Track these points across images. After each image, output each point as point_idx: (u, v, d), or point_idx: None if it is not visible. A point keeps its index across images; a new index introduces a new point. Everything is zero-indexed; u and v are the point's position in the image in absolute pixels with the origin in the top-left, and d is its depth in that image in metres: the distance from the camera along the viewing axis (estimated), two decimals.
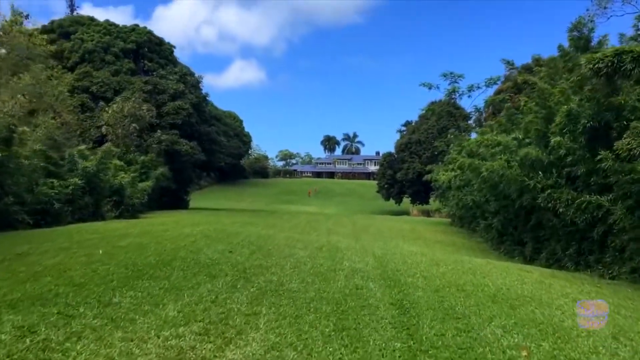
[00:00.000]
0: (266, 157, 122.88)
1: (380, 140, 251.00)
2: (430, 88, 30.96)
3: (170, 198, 30.15)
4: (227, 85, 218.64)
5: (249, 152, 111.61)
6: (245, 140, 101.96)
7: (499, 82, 31.50)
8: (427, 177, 28.97)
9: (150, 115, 27.28)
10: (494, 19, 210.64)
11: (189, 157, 30.26)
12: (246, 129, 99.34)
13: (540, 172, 13.66)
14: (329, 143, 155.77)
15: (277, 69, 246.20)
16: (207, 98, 36.86)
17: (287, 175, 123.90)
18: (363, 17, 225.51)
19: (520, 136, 15.50)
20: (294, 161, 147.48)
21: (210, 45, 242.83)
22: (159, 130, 28.09)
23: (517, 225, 16.98)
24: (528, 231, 16.08)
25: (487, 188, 16.77)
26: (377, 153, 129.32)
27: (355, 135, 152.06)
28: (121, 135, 26.25)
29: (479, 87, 30.29)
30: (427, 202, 72.39)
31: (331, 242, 13.84)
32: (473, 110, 32.43)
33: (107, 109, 27.52)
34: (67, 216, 17.00)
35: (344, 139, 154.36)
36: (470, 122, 69.16)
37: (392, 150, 72.78)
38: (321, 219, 25.90)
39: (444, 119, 69.68)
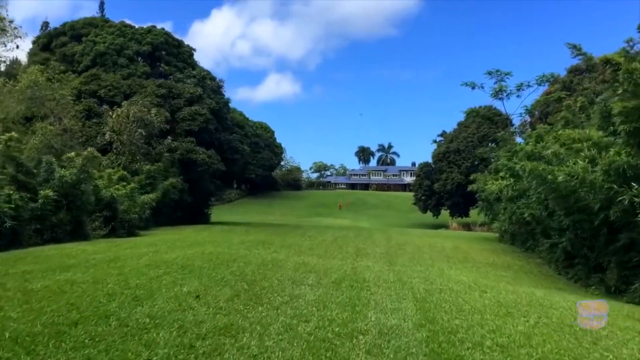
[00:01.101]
0: (299, 169, 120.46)
1: (415, 151, 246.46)
2: (473, 88, 27.41)
3: (186, 212, 27.61)
4: (262, 98, 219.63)
5: (281, 163, 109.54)
6: (277, 151, 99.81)
7: (551, 80, 27.81)
8: (470, 187, 25.51)
9: (160, 120, 24.71)
10: (536, 20, 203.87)
11: (207, 167, 27.65)
12: (278, 140, 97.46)
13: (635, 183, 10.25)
14: (364, 154, 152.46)
15: (312, 81, 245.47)
16: (229, 104, 34.32)
17: (320, 187, 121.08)
18: (396, 29, 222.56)
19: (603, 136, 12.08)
20: (328, 173, 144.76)
21: (246, 60, 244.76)
22: (169, 137, 25.45)
23: (594, 245, 13.47)
24: (610, 254, 12.57)
25: (554, 199, 13.37)
26: (413, 164, 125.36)
27: (390, 146, 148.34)
28: (127, 142, 23.91)
29: (529, 86, 26.62)
30: (467, 215, 68.36)
31: (357, 269, 10.80)
32: (523, 112, 28.79)
33: (111, 113, 25.36)
34: (30, 237, 14.03)
35: (378, 150, 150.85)
36: (513, 129, 65.35)
37: (429, 160, 69.24)
38: (351, 235, 22.81)
39: (484, 126, 65.80)
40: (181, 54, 33.00)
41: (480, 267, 14.94)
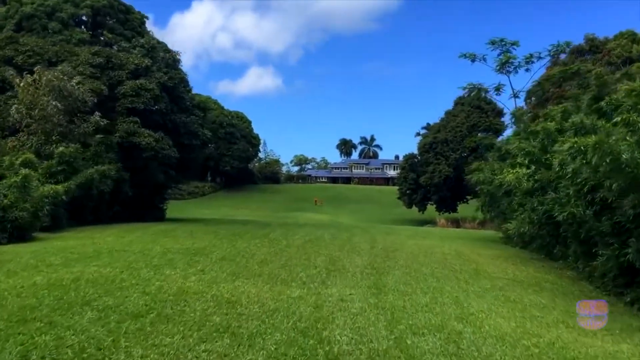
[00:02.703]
0: (277, 161, 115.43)
1: (399, 144, 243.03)
2: (473, 60, 22.83)
3: (129, 207, 22.80)
4: (243, 92, 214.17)
5: (260, 156, 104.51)
6: (254, 142, 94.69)
7: (567, 49, 23.55)
8: (470, 177, 21.14)
9: (85, 90, 19.46)
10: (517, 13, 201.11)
11: (154, 153, 22.85)
12: (256, 132, 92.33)
13: None
14: (346, 147, 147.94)
15: (293, 75, 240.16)
16: (187, 81, 29.39)
17: (300, 181, 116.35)
18: (377, 23, 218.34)
19: None
20: (309, 166, 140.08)
21: (226, 53, 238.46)
22: (97, 113, 20.29)
23: None
24: None
25: (618, 188, 9.01)
26: (396, 157, 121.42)
27: (372, 139, 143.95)
28: (38, 118, 19.07)
29: (540, 57, 22.23)
30: (454, 210, 64.23)
31: (323, 310, 6.77)
32: (530, 86, 24.34)
33: (18, 80, 19.63)
34: None
35: (361, 143, 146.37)
36: (504, 119, 61.55)
37: (415, 151, 64.93)
38: (326, 237, 18.34)
39: (474, 115, 61.68)
40: (130, 22, 28.06)
41: (504, 288, 10.55)
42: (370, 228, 28.79)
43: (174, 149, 24.56)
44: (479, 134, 58.71)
